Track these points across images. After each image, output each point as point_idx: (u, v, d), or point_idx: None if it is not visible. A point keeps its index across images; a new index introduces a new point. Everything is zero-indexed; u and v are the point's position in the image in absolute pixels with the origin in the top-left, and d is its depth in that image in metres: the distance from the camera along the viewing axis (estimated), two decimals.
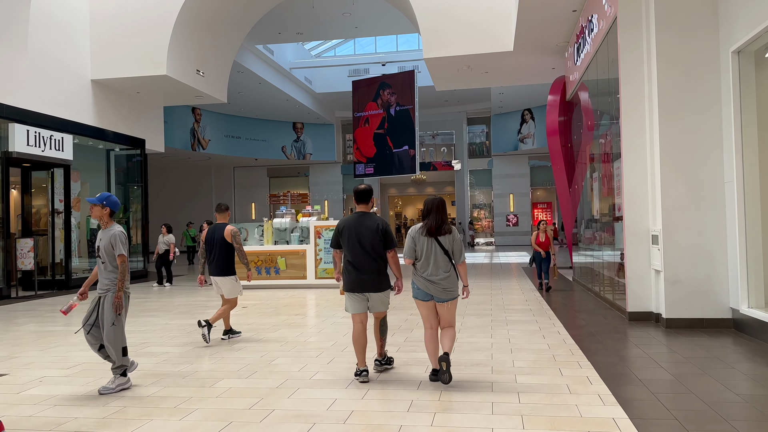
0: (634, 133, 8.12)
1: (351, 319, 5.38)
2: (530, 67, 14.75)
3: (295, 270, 12.92)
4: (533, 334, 7.30)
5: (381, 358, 5.57)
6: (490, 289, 11.93)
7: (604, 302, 9.70)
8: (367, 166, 24.47)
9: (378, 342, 5.53)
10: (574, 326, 7.79)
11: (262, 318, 9.08)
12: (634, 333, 7.29)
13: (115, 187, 17.34)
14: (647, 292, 8.03)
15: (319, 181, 31.37)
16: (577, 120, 13.41)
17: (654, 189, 7.91)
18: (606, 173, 10.24)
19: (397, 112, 23.22)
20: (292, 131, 29.82)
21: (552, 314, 8.75)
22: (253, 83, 23.06)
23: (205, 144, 26.84)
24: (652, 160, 7.93)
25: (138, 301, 11.57)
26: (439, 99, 28.43)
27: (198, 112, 26.44)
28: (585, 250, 12.10)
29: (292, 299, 11.28)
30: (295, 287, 12.95)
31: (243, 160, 29.51)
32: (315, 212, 13.51)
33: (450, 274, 4.99)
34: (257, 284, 13.10)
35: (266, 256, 13.04)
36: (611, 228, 9.91)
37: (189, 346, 7.08)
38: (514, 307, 9.54)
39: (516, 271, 15.90)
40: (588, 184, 12.21)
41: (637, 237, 8.08)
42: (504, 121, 29.59)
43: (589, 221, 12.19)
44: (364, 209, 5.30)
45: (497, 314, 8.82)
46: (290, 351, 6.67)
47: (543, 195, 31.15)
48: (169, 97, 17.09)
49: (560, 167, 13.33)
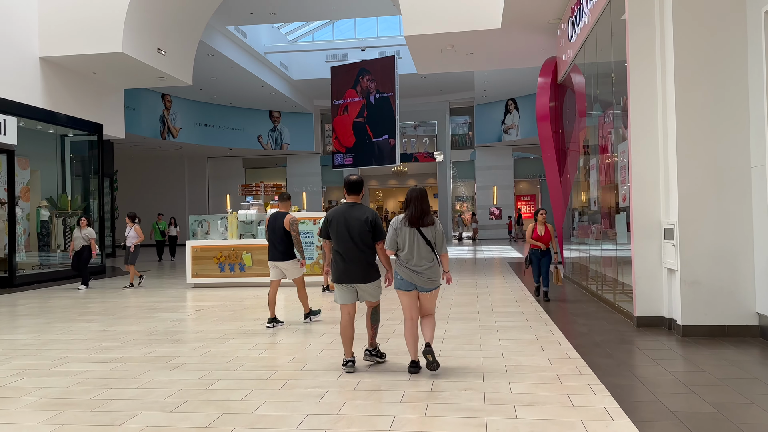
0: (644, 110, 6.96)
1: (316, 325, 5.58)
2: (518, 48, 13.57)
3: (263, 267, 11.63)
4: (530, 344, 6.14)
5: (371, 348, 5.43)
6: (476, 288, 10.77)
7: (605, 304, 8.58)
8: (346, 156, 23.20)
9: (369, 331, 5.41)
10: (575, 334, 6.64)
11: (215, 324, 7.81)
12: (647, 343, 6.16)
13: (71, 177, 15.88)
14: (658, 294, 6.90)
15: (297, 173, 30.01)
16: (568, 106, 12.28)
17: (667, 175, 6.77)
18: (604, 160, 9.11)
19: (377, 100, 21.95)
20: (269, 120, 28.38)
21: (548, 319, 7.60)
22: (224, 67, 21.62)
23: (176, 132, 25.34)
24: (665, 141, 6.79)
25: (82, 302, 10.23)
26: (421, 88, 27.23)
27: (168, 98, 24.93)
28: (579, 244, 10.98)
29: (256, 300, 10.01)
30: (262, 285, 11.67)
31: (217, 150, 28.04)
32: None
33: (433, 264, 4.97)
34: (220, 282, 11.80)
35: (230, 251, 11.74)
36: (611, 220, 8.81)
37: (118, 362, 5.80)
38: (504, 309, 8.38)
39: (501, 267, 14.77)
40: (581, 173, 11.10)
41: (647, 231, 6.95)
42: (487, 111, 28.47)
43: (582, 213, 11.07)
44: (354, 200, 5.25)
45: (486, 319, 7.65)
46: (236, 371, 5.42)
47: (526, 187, 30.15)
48: (128, 78, 15.63)
49: (551, 155, 12.20)
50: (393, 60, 20.95)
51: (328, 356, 5.80)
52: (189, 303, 9.88)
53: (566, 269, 12.19)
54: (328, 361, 5.59)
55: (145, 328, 7.63)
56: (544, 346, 6.03)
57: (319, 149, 30.07)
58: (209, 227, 12.02)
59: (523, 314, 7.98)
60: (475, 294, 9.99)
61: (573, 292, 9.99)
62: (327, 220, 5.24)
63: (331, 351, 6.01)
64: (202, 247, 11.82)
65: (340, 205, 5.29)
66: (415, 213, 4.93)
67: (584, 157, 10.93)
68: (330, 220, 5.20)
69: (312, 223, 11.48)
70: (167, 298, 10.52)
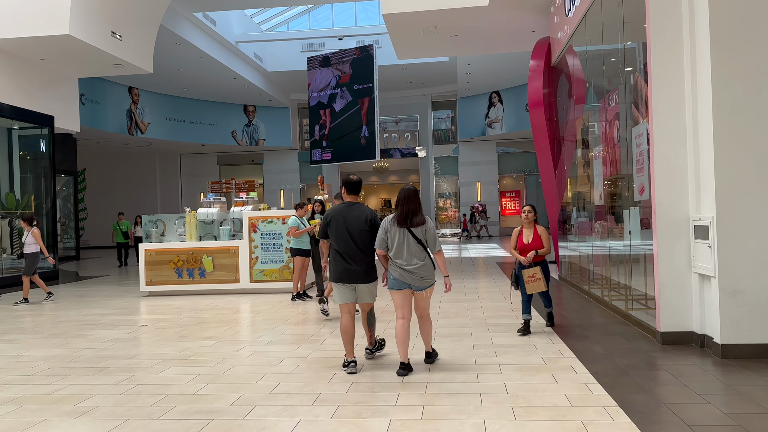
0: (669, 82, 5.73)
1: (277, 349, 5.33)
2: (506, 29, 12.33)
3: (225, 272, 10.25)
4: (538, 372, 4.87)
5: (371, 347, 5.49)
6: (464, 294, 9.51)
7: (615, 313, 7.35)
8: (324, 151, 21.83)
9: (367, 333, 5.45)
10: (590, 356, 5.38)
11: (155, 345, 6.44)
12: (682, 369, 4.92)
13: (20, 174, 14.32)
14: (687, 305, 5.68)
15: (274, 169, 28.51)
16: (563, 91, 11.07)
17: (698, 162, 5.55)
18: (610, 146, 7.90)
19: (355, 92, 20.62)
20: (243, 115, 26.85)
21: (552, 333, 6.35)
22: (193, 58, 20.08)
23: (144, 128, 23.72)
24: (696, 120, 5.56)
25: (13, 315, 8.77)
26: (402, 81, 25.93)
27: (135, 92, 23.32)
28: (579, 242, 9.77)
29: (214, 311, 8.63)
30: (224, 293, 10.29)
31: (189, 146, 26.44)
32: (251, 200, 10.82)
33: (425, 263, 4.89)
34: (177, 290, 10.39)
35: (188, 255, 10.33)
36: (620, 216, 7.62)
37: (12, 405, 4.42)
38: (500, 321, 7.12)
39: (488, 267, 13.54)
40: (579, 164, 9.89)
41: (672, 228, 5.72)
42: (471, 104, 27.26)
43: (582, 209, 9.87)
44: (353, 200, 5.21)
45: (479, 335, 6.37)
46: (160, 419, 4.07)
47: (511, 183, 29.00)
48: (81, 65, 14.11)
49: (544, 145, 10.97)
50: (372, 50, 19.63)
51: (284, 394, 4.47)
52: (136, 316, 8.47)
53: (562, 270, 10.98)
54: (282, 403, 4.27)
55: (70, 351, 6.23)
56: (556, 375, 4.76)
57: (296, 145, 28.61)
58: (164, 228, 10.59)
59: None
60: (464, 301, 8.72)
61: (572, 297, 8.76)
62: (326, 220, 5.16)
63: (289, 386, 4.69)
64: (156, 250, 10.40)
65: (339, 205, 5.20)
66: (402, 213, 4.87)
67: (584, 147, 9.71)
68: (329, 219, 5.13)
69: (281, 223, 10.12)
70: (114, 310, 9.09)
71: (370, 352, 5.46)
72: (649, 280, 6.45)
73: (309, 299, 9.40)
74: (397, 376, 4.82)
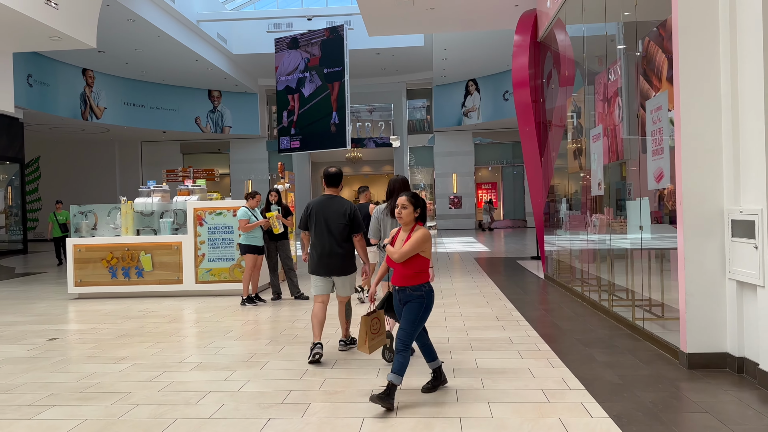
0: (699, 36, 4.50)
1: (203, 377, 4.53)
2: (487, 3, 11.04)
3: (167, 271, 8.81)
4: (542, 414, 3.61)
5: (345, 339, 5.36)
6: (440, 296, 8.24)
7: (617, 323, 6.15)
8: (293, 139, 20.35)
9: (343, 325, 5.34)
10: (603, 387, 4.14)
11: (51, 370, 5.01)
12: (726, 407, 3.71)
13: None
14: (719, 319, 4.48)
15: (241, 159, 26.88)
16: (549, 71, 9.85)
17: (738, 139, 4.33)
18: (611, 125, 6.69)
19: (325, 75, 19.18)
20: (208, 100, 25.12)
21: (549, 351, 5.11)
22: (150, 37, 18.38)
23: (100, 113, 21.93)
24: (736, 85, 4.34)
25: None
26: (376, 67, 24.53)
27: (90, 74, 21.50)
28: (571, 237, 8.56)
29: (145, 319, 7.21)
30: (166, 295, 8.86)
31: (149, 133, 24.67)
32: (198, 189, 9.36)
33: None
34: (112, 292, 8.92)
35: (124, 251, 8.85)
36: (622, 208, 6.45)
37: None
38: (484, 333, 5.85)
39: (466, 264, 12.31)
40: (571, 149, 8.69)
41: (702, 224, 4.50)
42: (446, 92, 26.01)
43: (573, 199, 8.68)
44: (333, 192, 5.15)
45: (461, 353, 5.09)
46: None
47: (487, 175, 27.89)
48: (13, 38, 12.38)
49: (530, 129, 9.74)
50: (342, 31, 18.20)
51: None
52: (50, 326, 7.00)
53: (548, 269, 9.79)
54: None
55: None
56: (566, 421, 3.50)
57: (265, 133, 27.01)
58: (96, 220, 9.08)
59: (512, 341, 5.47)
60: (440, 305, 7.46)
61: (563, 301, 7.55)
62: (307, 211, 5.11)
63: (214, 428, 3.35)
64: (87, 246, 8.90)
65: (319, 197, 5.17)
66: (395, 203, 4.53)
67: (574, 129, 8.51)
68: (310, 211, 5.09)
69: (232, 215, 8.71)
70: (29, 317, 7.60)
71: (344, 344, 5.32)
72: (667, 285, 5.26)
73: (262, 303, 8.04)
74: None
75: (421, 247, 3.90)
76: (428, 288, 3.96)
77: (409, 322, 3.87)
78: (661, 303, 5.86)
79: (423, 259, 3.93)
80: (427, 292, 3.94)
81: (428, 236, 3.93)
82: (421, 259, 3.92)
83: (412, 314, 3.88)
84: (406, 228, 4.01)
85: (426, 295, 3.93)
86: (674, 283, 5.59)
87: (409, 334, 3.85)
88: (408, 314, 3.89)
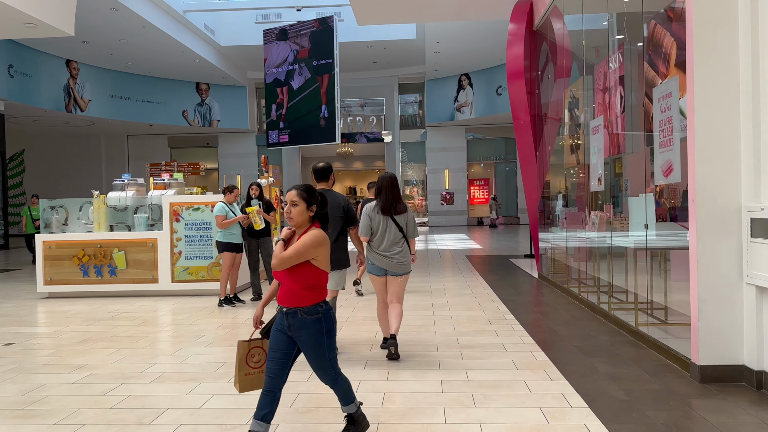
0: (716, 21, 4.04)
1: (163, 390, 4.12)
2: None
3: (141, 269, 8.29)
4: (538, 430, 3.16)
5: None
6: (430, 297, 7.79)
7: (618, 328, 5.70)
8: (282, 133, 19.82)
9: None
10: (608, 405, 3.68)
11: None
12: (750, 430, 3.27)
13: None
14: (736, 328, 4.03)
15: (230, 153, 26.29)
16: (544, 62, 9.40)
17: (760, 130, 3.88)
18: (612, 115, 6.24)
19: (314, 68, 18.64)
20: (196, 93, 24.50)
21: (546, 361, 4.65)
22: (134, 27, 17.77)
23: (84, 105, 21.29)
24: (757, 75, 3.89)
25: None
26: (368, 61, 23.99)
27: (74, 65, 20.86)
28: (568, 236, 8.11)
29: (113, 321, 6.70)
30: (140, 295, 8.34)
31: (136, 126, 24.03)
32: (175, 182, 8.83)
33: (404, 249, 4.91)
34: (83, 291, 8.39)
35: (96, 248, 8.33)
36: (623, 205, 6.01)
37: None
38: (476, 339, 5.39)
39: (457, 262, 11.86)
40: (567, 143, 8.25)
41: (717, 222, 4.05)
42: (439, 87, 25.51)
43: (570, 195, 8.23)
44: (325, 187, 5.03)
45: (451, 363, 4.62)
46: None
47: (480, 171, 27.45)
48: None
49: (525, 122, 9.27)
50: (332, 22, 17.67)
51: None
52: (11, 329, 6.48)
53: (543, 268, 9.35)
54: None
55: None
56: None
57: (254, 127, 26.44)
58: (67, 215, 8.54)
59: (506, 349, 5.02)
60: (429, 308, 7.00)
61: (558, 302, 7.10)
62: None
63: None
64: (57, 242, 8.36)
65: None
66: (386, 202, 4.87)
67: (571, 122, 8.06)
68: None
69: (210, 210, 8.20)
70: None
71: None
72: (675, 287, 4.82)
73: (241, 304, 7.55)
74: (381, 349, 5.01)
75: (311, 253, 2.96)
76: (325, 308, 3.04)
77: (317, 359, 3.03)
78: (664, 306, 5.44)
79: (317, 271, 3.01)
80: (325, 312, 3.02)
81: (321, 240, 2.99)
82: (313, 269, 3.00)
83: (314, 350, 3.00)
84: (299, 231, 3.07)
85: (324, 316, 3.01)
86: (677, 284, 5.17)
87: (327, 370, 3.06)
88: (309, 352, 3.01)
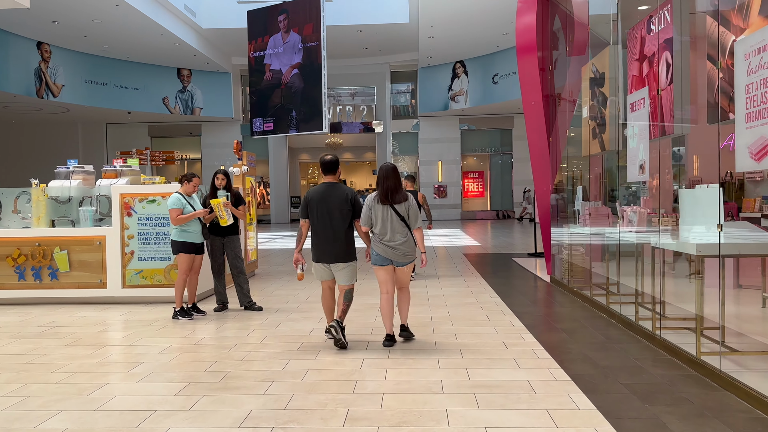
0: None
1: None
2: None
3: (87, 272, 6.92)
4: None
5: (339, 320, 4.88)
6: (427, 303, 6.49)
7: (670, 356, 4.41)
8: (266, 121, 18.45)
9: (340, 306, 4.95)
10: None
11: None
12: None
13: None
14: None
15: (213, 142, 24.81)
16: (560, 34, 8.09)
17: None
18: (654, 89, 4.94)
19: (300, 51, 17.24)
20: (177, 79, 22.97)
21: (593, 412, 3.35)
22: (107, 6, 16.24)
23: (57, 90, 19.75)
24: None
25: None
26: (358, 46, 22.58)
27: (46, 48, 19.30)
28: (591, 234, 6.82)
29: (39, 339, 5.33)
30: (86, 302, 6.97)
31: (114, 113, 22.51)
32: (129, 170, 7.44)
33: (407, 239, 4.84)
34: (19, 297, 7.01)
35: (34, 247, 6.94)
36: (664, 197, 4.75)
37: None
38: (492, 375, 4.08)
39: (454, 261, 10.57)
40: (586, 125, 6.96)
41: None
42: (432, 75, 24.15)
43: (591, 187, 6.95)
44: (332, 180, 4.97)
45: (461, 410, 3.33)
46: None
47: (474, 164, 26.17)
48: None
49: (536, 103, 7.97)
50: (319, 1, 16.27)
51: None
52: None
53: (555, 271, 8.08)
54: None
55: None
56: None
57: (239, 116, 24.97)
58: (0, 208, 7.14)
59: (535, 391, 3.71)
60: (428, 317, 5.70)
61: (580, 314, 5.82)
62: (306, 201, 4.94)
63: None
64: None
65: (319, 185, 4.96)
66: (384, 191, 4.81)
67: (593, 99, 6.76)
68: (309, 200, 4.92)
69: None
70: None
71: (337, 323, 4.84)
72: (744, 299, 3.55)
73: (201, 316, 6.21)
74: (383, 347, 4.76)
75: None
76: None
77: None
78: (734, 330, 4.17)
79: None
80: None
81: None
82: None
83: None
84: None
85: None
86: (746, 295, 3.92)
87: None
88: None
